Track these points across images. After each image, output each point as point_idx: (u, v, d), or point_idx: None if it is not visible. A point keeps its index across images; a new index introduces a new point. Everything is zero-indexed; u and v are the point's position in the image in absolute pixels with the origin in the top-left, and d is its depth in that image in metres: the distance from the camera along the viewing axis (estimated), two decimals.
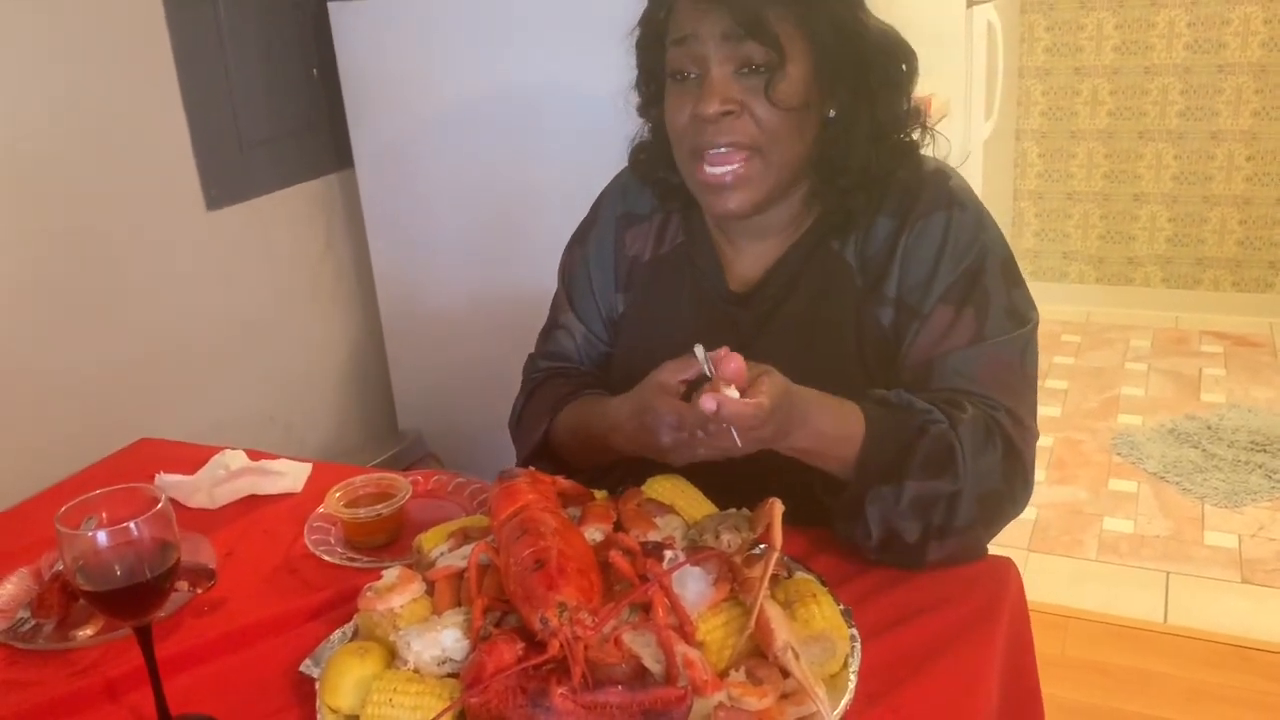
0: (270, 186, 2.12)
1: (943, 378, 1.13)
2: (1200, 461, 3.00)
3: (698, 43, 1.11)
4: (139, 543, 0.89)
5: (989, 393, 1.12)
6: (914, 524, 1.06)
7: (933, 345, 1.14)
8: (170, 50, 1.86)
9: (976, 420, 1.08)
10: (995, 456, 1.08)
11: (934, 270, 1.14)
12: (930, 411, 1.08)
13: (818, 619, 0.92)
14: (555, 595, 0.88)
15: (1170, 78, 3.79)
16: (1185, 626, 2.35)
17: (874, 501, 1.06)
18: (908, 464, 1.05)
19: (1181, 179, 3.90)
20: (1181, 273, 4.01)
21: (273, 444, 2.13)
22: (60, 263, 1.71)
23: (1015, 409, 1.12)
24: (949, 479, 1.05)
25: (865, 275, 1.18)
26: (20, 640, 1.11)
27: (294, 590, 1.18)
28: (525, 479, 1.08)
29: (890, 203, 1.17)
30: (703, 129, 1.12)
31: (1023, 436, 1.12)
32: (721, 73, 1.11)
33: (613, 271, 1.35)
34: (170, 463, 1.47)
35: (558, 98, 1.99)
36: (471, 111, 2.08)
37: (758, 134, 1.12)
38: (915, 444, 1.06)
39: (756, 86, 1.10)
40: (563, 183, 2.01)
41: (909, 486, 1.04)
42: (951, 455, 1.05)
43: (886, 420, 1.07)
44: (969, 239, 1.15)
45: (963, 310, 1.13)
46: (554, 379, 1.36)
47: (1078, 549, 2.67)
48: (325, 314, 2.31)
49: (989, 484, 1.08)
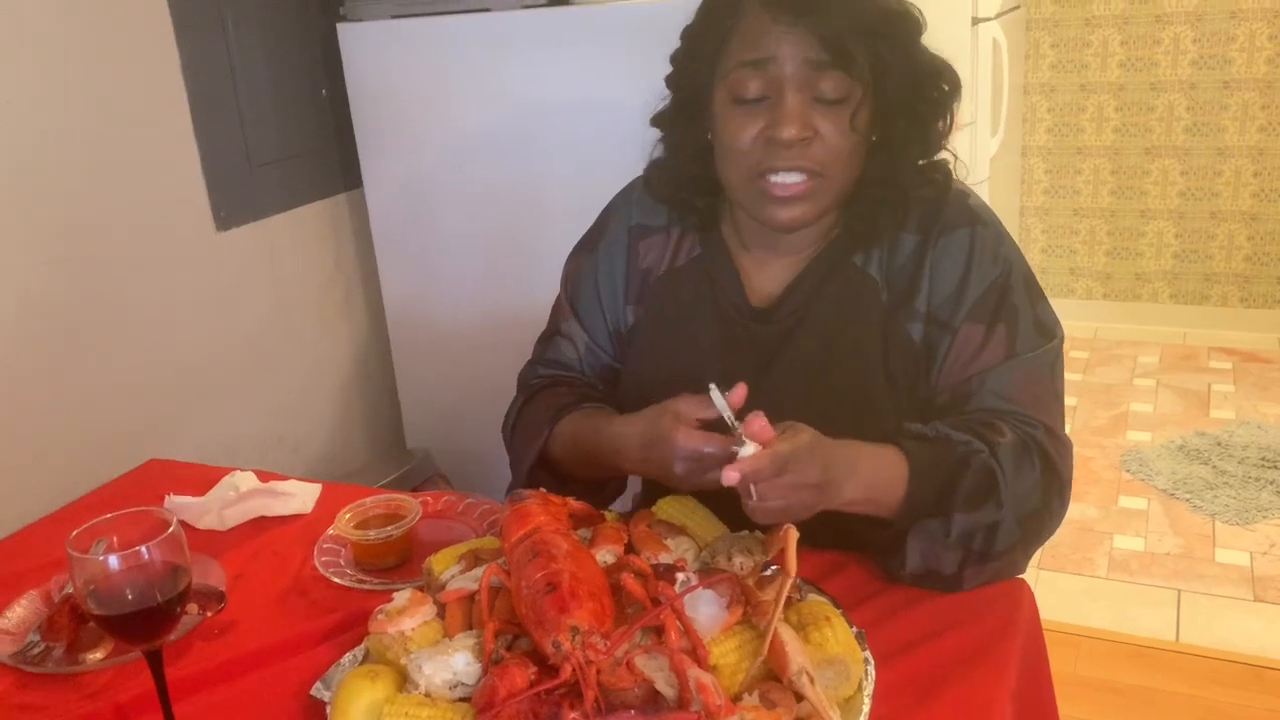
0: (279, 207, 2.13)
1: (980, 398, 1.13)
2: (1210, 478, 2.98)
3: (775, 66, 1.09)
4: (150, 566, 0.89)
5: (1025, 410, 1.12)
6: (955, 554, 1.06)
7: (967, 363, 1.14)
8: (180, 71, 1.87)
9: (1015, 444, 1.08)
10: (1034, 476, 1.08)
11: (962, 284, 1.15)
12: (969, 442, 1.07)
13: (832, 642, 0.92)
14: (568, 619, 0.87)
15: (1176, 94, 3.80)
16: (1197, 645, 2.33)
17: (918, 536, 1.06)
18: (953, 498, 1.05)
19: (1188, 195, 3.89)
20: (1189, 289, 4.01)
21: (281, 464, 2.12)
22: (70, 284, 1.71)
23: (1051, 424, 1.13)
24: (992, 507, 1.05)
25: (892, 291, 1.19)
26: (30, 664, 1.11)
27: (304, 613, 1.18)
28: (536, 500, 1.08)
29: (913, 219, 1.19)
30: (774, 152, 1.11)
31: (1060, 451, 1.12)
32: (800, 99, 1.10)
33: (623, 283, 1.33)
34: (179, 484, 1.47)
35: (565, 117, 1.99)
36: (479, 131, 2.08)
37: (826, 159, 1.12)
38: (959, 477, 1.05)
39: (827, 112, 1.10)
40: (570, 201, 2.01)
41: (956, 520, 1.04)
42: (994, 483, 1.05)
43: (928, 457, 1.06)
44: (992, 254, 1.16)
45: (993, 328, 1.14)
46: (555, 387, 1.34)
47: (1088, 567, 2.65)
48: (334, 333, 2.31)
49: (1029, 505, 1.07)
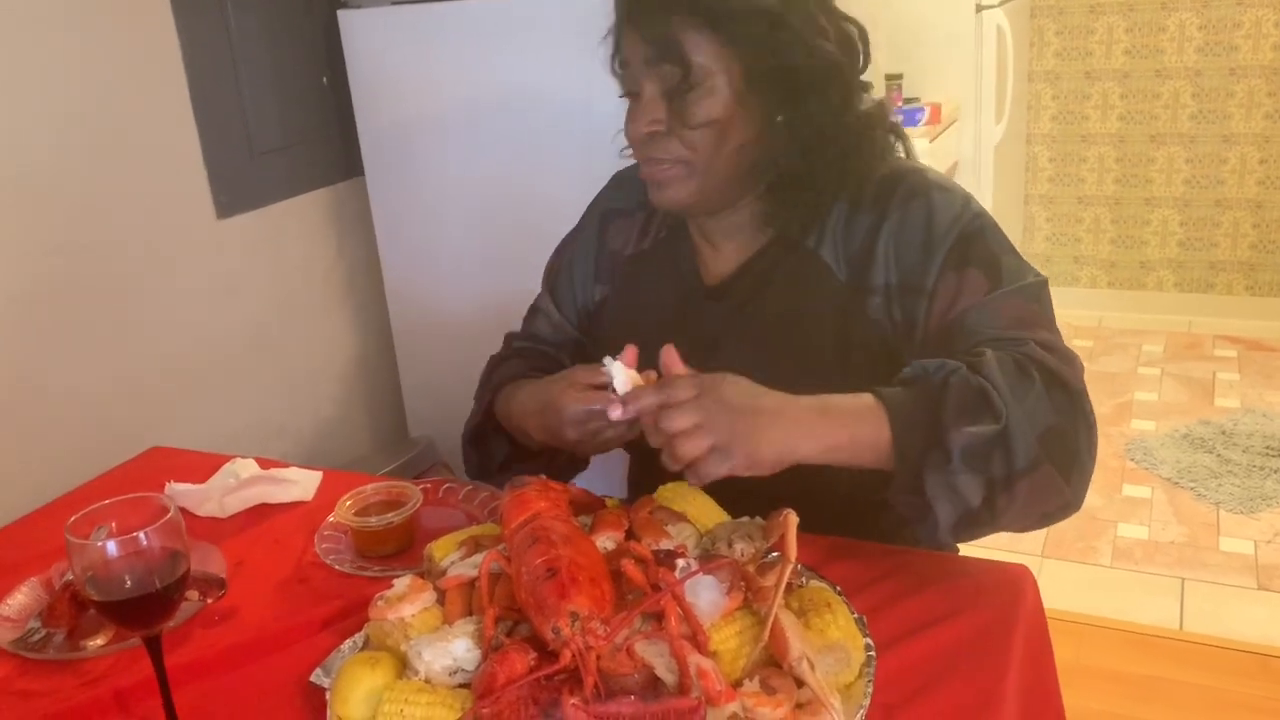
0: (280, 194, 2.12)
1: (964, 335, 1.09)
2: (1215, 467, 2.98)
3: (629, 69, 1.18)
4: (148, 552, 0.88)
5: (1012, 331, 1.07)
6: (973, 479, 0.98)
7: (947, 310, 1.12)
8: (180, 59, 1.87)
9: (1002, 359, 1.01)
10: (1037, 390, 1.00)
11: (927, 245, 1.14)
12: (943, 365, 1.02)
13: (833, 628, 0.91)
14: (567, 604, 0.87)
15: (1181, 81, 3.78)
16: (1201, 633, 2.33)
17: (928, 476, 0.98)
18: (942, 419, 0.98)
19: (1193, 183, 3.88)
20: (1194, 277, 3.99)
21: (283, 452, 2.12)
22: (71, 272, 1.71)
23: (1047, 340, 1.06)
24: (989, 418, 0.98)
25: (850, 270, 1.19)
26: (31, 650, 1.11)
27: (304, 600, 1.18)
28: (536, 487, 1.08)
29: (867, 199, 1.19)
30: (641, 144, 1.19)
31: (1062, 361, 1.04)
32: (651, 93, 1.16)
33: (593, 263, 1.40)
34: (180, 471, 1.46)
35: (567, 104, 1.98)
36: (481, 118, 2.08)
37: (682, 150, 1.16)
38: (941, 397, 0.99)
39: (680, 104, 1.14)
40: (573, 188, 2.00)
41: (953, 438, 0.97)
42: (984, 395, 0.98)
43: (902, 392, 1.01)
44: (956, 211, 1.15)
45: (966, 270, 1.12)
46: (513, 358, 1.40)
47: (1092, 555, 2.65)
48: (336, 322, 2.31)
49: (1044, 420, 0.99)
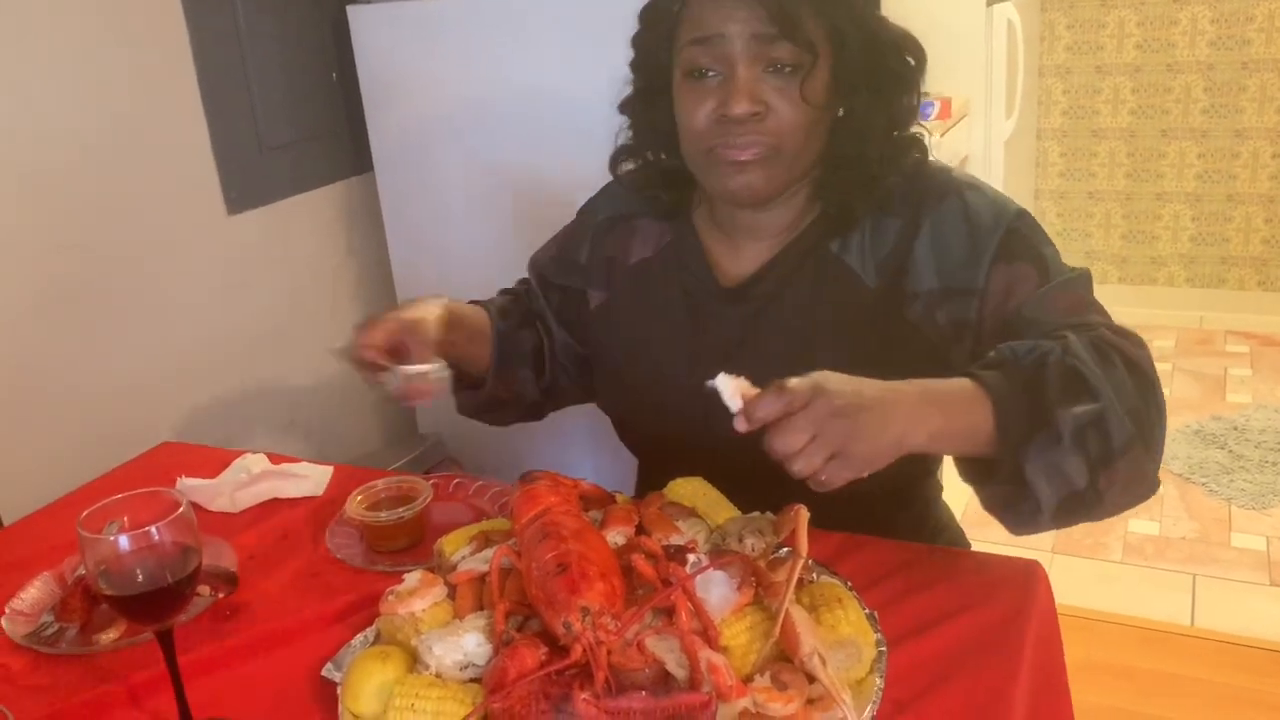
0: (290, 190, 2.13)
1: (1024, 327, 1.06)
2: (1227, 463, 2.96)
3: (724, 42, 1.09)
4: (160, 547, 0.88)
5: (1075, 319, 1.04)
6: (1080, 460, 0.94)
7: (1001, 305, 1.10)
8: (190, 54, 1.87)
9: (1083, 340, 0.99)
10: (1120, 372, 0.98)
11: (972, 246, 1.12)
12: (1035, 346, 0.99)
13: (844, 624, 0.91)
14: (578, 599, 0.87)
15: (1194, 75, 3.76)
16: (1212, 630, 2.32)
17: (1032, 459, 0.94)
18: (1046, 400, 0.94)
19: (1205, 177, 3.86)
20: (1206, 272, 3.98)
21: (293, 448, 2.13)
22: (82, 268, 1.71)
23: (1112, 324, 1.05)
24: (1089, 397, 0.94)
25: (881, 276, 1.16)
26: (44, 644, 1.11)
27: (315, 594, 1.18)
28: (546, 482, 1.08)
29: (895, 203, 1.17)
30: (726, 128, 1.11)
31: (1136, 344, 1.02)
32: (750, 73, 1.09)
33: (588, 264, 1.36)
34: (191, 467, 1.47)
35: (577, 99, 1.98)
36: (490, 113, 2.07)
37: (780, 133, 1.11)
38: (1042, 377, 0.95)
39: (781, 86, 1.09)
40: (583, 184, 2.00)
41: (1062, 418, 0.93)
42: (1079, 375, 0.96)
43: (999, 372, 0.96)
44: (994, 210, 1.13)
45: (1015, 265, 1.10)
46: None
47: (1102, 551, 2.64)
48: (346, 316, 2.31)
49: (1129, 401, 0.97)
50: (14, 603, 1.17)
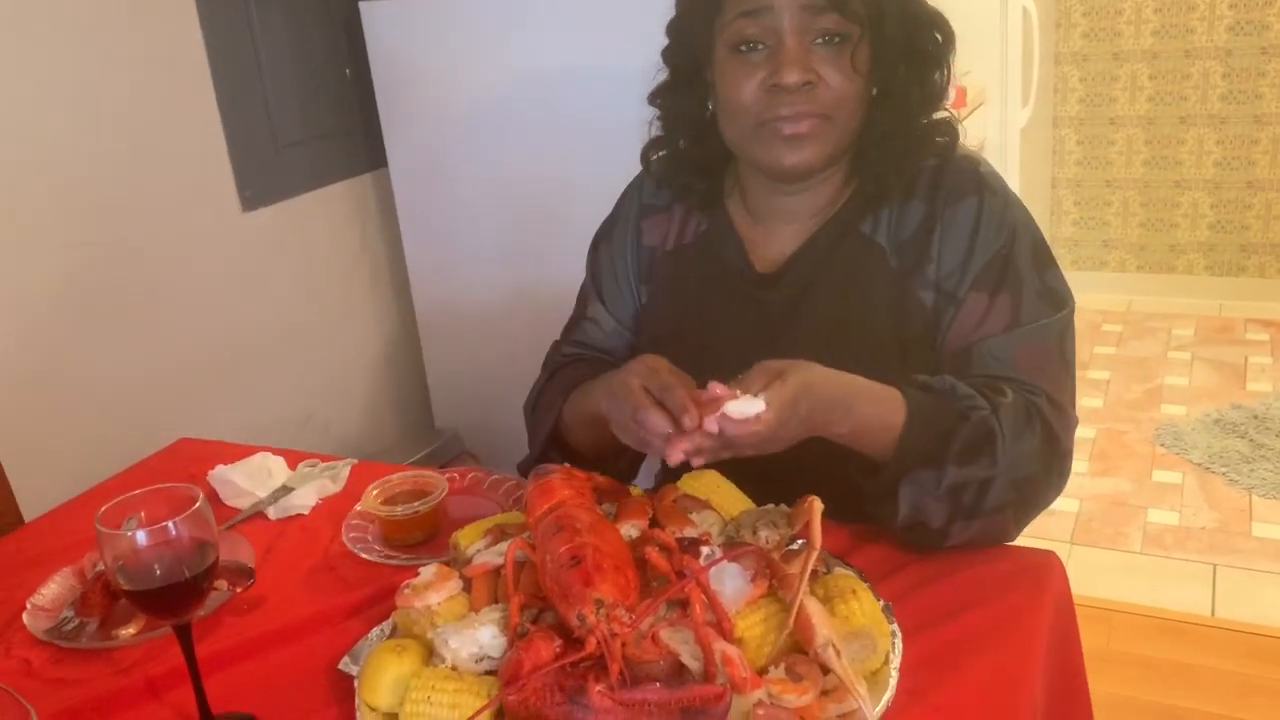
0: (304, 187, 2.14)
1: (981, 364, 1.13)
2: (1247, 452, 2.94)
3: (772, 14, 1.11)
4: (177, 542, 0.89)
5: (1027, 377, 1.11)
6: (943, 507, 1.05)
7: (969, 332, 1.14)
8: (205, 53, 1.88)
9: (1017, 404, 1.08)
10: (1035, 441, 1.07)
11: (968, 255, 1.15)
12: (972, 397, 1.07)
13: (858, 615, 0.91)
14: (592, 592, 0.87)
15: (1212, 61, 3.72)
16: (1233, 620, 2.31)
17: (910, 484, 1.05)
18: (947, 450, 1.04)
19: (1224, 164, 3.82)
20: (1225, 260, 3.94)
21: (310, 443, 2.14)
22: (98, 266, 1.72)
23: (1054, 394, 1.12)
24: (986, 464, 1.05)
25: (901, 258, 1.18)
26: (64, 639, 1.12)
27: (332, 588, 1.18)
28: (560, 475, 1.08)
29: (922, 188, 1.18)
30: (777, 99, 1.12)
31: (1061, 422, 1.11)
32: (799, 43, 1.11)
33: (634, 260, 1.36)
34: (209, 463, 1.47)
35: (590, 93, 1.98)
36: (503, 108, 2.08)
37: (830, 103, 1.13)
38: (956, 430, 1.05)
39: (830, 56, 1.11)
40: (597, 177, 1.99)
41: (949, 472, 1.04)
42: (991, 440, 1.05)
43: (928, 406, 1.06)
44: (998, 223, 1.15)
45: (996, 296, 1.13)
46: (576, 363, 1.36)
47: (1122, 542, 2.63)
48: (361, 312, 2.32)
49: (1027, 469, 1.07)
50: (35, 598, 1.18)
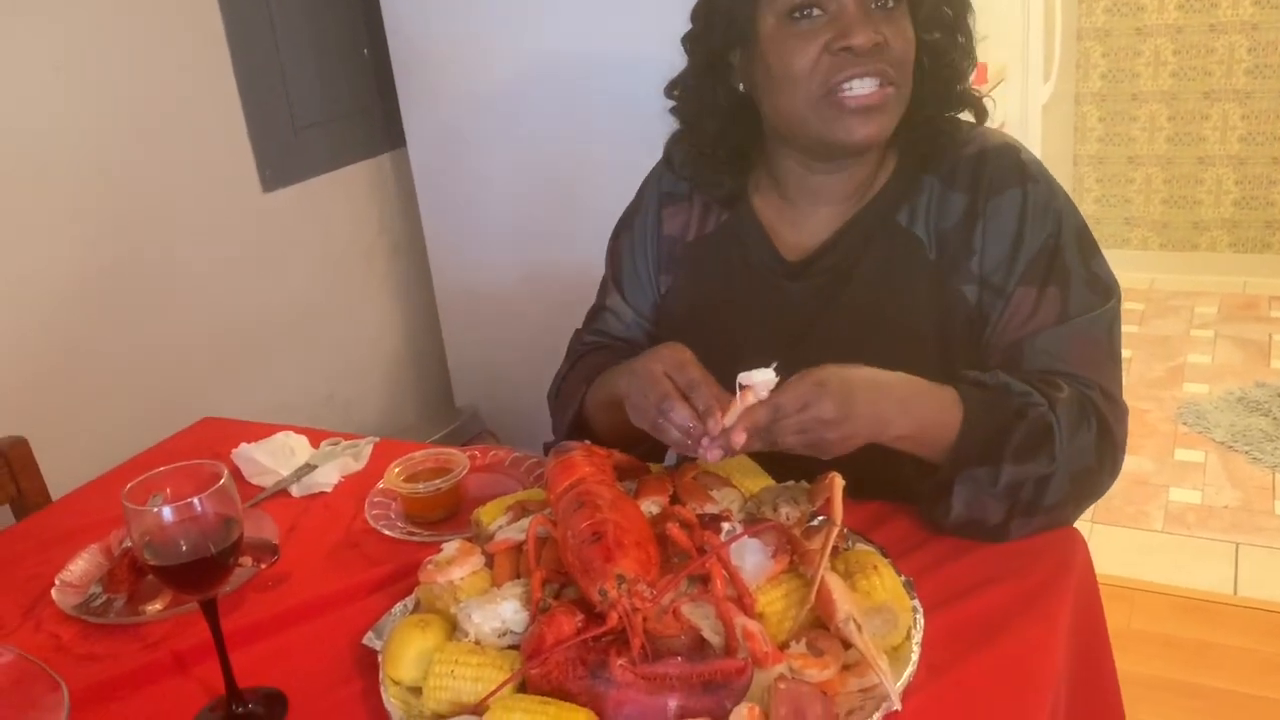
0: (324, 167, 2.14)
1: (1033, 359, 1.11)
2: (1271, 430, 2.92)
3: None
4: (203, 518, 0.90)
5: (1080, 371, 1.10)
6: (1002, 504, 1.04)
7: (1019, 327, 1.12)
8: (224, 34, 1.88)
9: (1073, 400, 1.06)
10: (1090, 436, 1.06)
11: (1014, 248, 1.13)
12: (1029, 394, 1.05)
13: (879, 590, 0.91)
14: (613, 567, 0.88)
15: (1237, 35, 3.67)
16: (1256, 598, 2.30)
17: (965, 482, 1.03)
18: (1004, 448, 1.03)
19: (1249, 140, 3.78)
20: (1250, 237, 3.90)
21: (331, 422, 2.15)
22: (120, 247, 1.73)
23: (1107, 386, 1.11)
24: (1044, 461, 1.03)
25: (941, 251, 1.16)
26: (92, 615, 1.14)
27: (355, 564, 1.19)
28: (581, 452, 1.08)
29: (963, 178, 1.15)
30: (846, 62, 1.07)
31: (1115, 414, 1.10)
32: (861, 6, 1.08)
33: (655, 250, 1.33)
34: (232, 441, 1.48)
35: (609, 73, 1.97)
36: (522, 88, 2.07)
37: (898, 65, 1.10)
38: (1013, 427, 1.03)
39: (888, 18, 1.09)
40: (616, 157, 1.99)
41: (1005, 470, 1.02)
42: (1049, 437, 1.03)
43: (983, 403, 1.05)
44: (1043, 213, 1.13)
45: (1045, 289, 1.12)
46: (598, 351, 1.35)
47: (1144, 520, 2.62)
48: (381, 292, 2.33)
49: (1083, 462, 1.06)
50: (63, 574, 1.20)
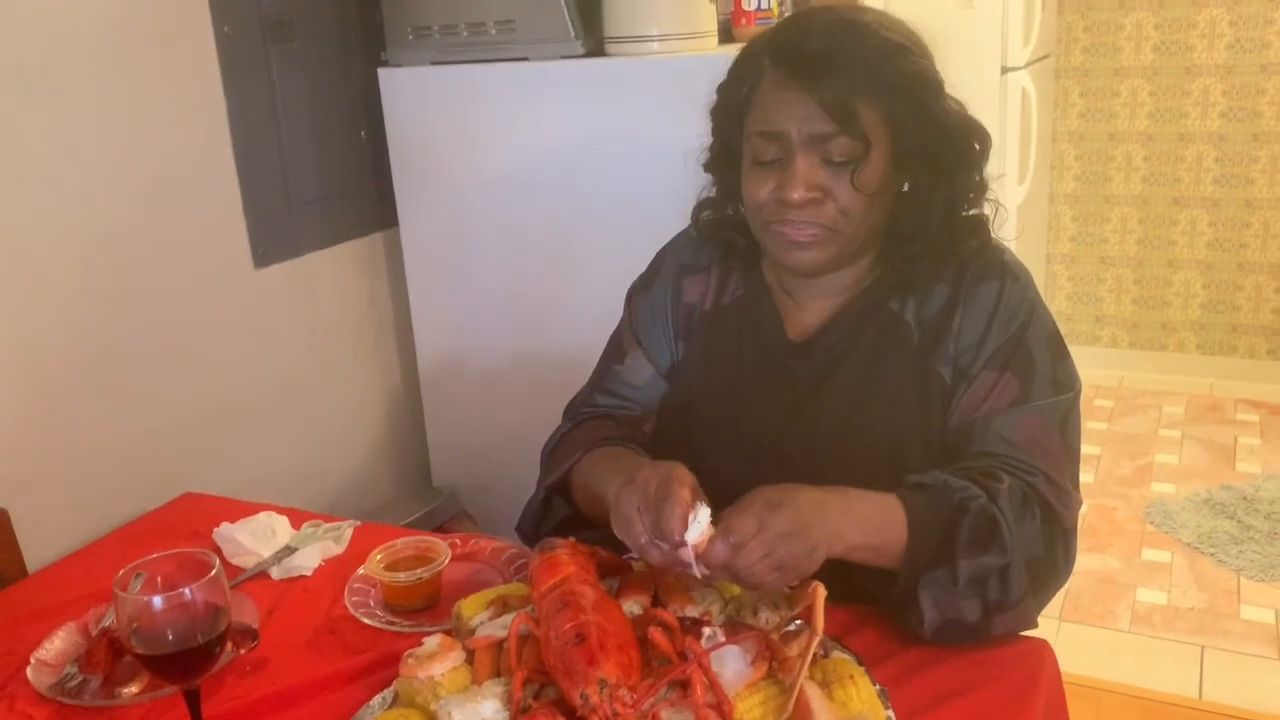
0: (317, 245, 2.17)
1: (983, 441, 1.16)
2: (1236, 533, 2.96)
3: (785, 137, 1.14)
4: (192, 607, 0.91)
5: (1027, 458, 1.14)
6: (973, 602, 1.07)
7: (974, 408, 1.17)
8: (226, 118, 1.92)
9: (1014, 489, 1.10)
10: (1035, 524, 1.10)
11: (985, 335, 1.18)
12: (967, 488, 1.09)
13: (855, 700, 0.93)
14: (596, 671, 0.89)
15: (1205, 145, 3.80)
16: (1220, 703, 2.31)
17: (926, 587, 1.07)
18: (955, 544, 1.06)
19: (1216, 245, 3.89)
20: (1216, 339, 3.99)
21: (309, 499, 2.15)
22: (111, 319, 1.74)
23: (1053, 475, 1.14)
24: (997, 552, 1.07)
25: (924, 335, 1.22)
26: (67, 695, 1.13)
27: (334, 652, 1.20)
28: (566, 550, 1.10)
29: (950, 271, 1.22)
30: (784, 210, 1.16)
31: (1062, 502, 1.14)
32: (807, 162, 1.14)
33: (672, 317, 1.37)
34: (213, 518, 1.49)
35: (599, 164, 2.02)
36: (514, 175, 2.12)
37: (837, 217, 1.16)
38: (959, 521, 1.07)
39: (838, 173, 1.14)
40: (602, 247, 2.04)
41: (962, 566, 1.06)
42: (996, 527, 1.07)
43: (927, 503, 1.08)
44: (1017, 307, 1.19)
45: (1005, 374, 1.17)
46: (605, 419, 1.36)
47: (1110, 619, 2.64)
48: (366, 370, 2.35)
49: (1032, 551, 1.10)
50: (39, 653, 1.19)
